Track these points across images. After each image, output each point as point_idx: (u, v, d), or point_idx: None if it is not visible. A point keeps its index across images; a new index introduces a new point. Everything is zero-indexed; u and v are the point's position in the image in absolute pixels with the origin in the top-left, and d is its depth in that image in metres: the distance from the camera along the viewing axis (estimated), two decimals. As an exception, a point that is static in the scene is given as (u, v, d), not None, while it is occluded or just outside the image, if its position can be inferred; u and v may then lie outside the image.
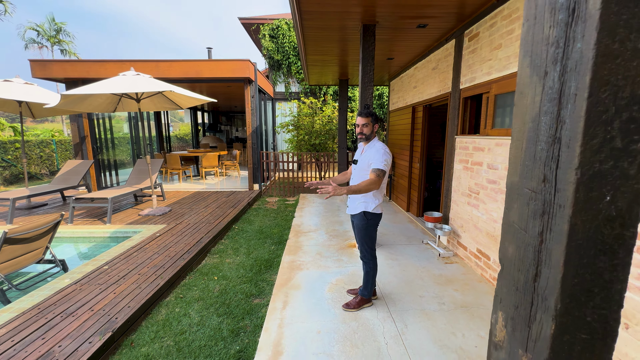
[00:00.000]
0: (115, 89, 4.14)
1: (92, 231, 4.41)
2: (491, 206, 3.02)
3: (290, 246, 4.03)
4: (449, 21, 3.55)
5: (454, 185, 3.85)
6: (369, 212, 2.39)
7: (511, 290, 0.87)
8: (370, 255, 2.50)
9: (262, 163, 7.54)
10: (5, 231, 2.66)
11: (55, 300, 2.51)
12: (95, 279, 2.90)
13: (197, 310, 2.64)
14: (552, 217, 0.68)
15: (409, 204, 5.74)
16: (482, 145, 3.18)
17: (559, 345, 0.70)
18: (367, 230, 2.43)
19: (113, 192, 5.15)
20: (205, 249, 3.86)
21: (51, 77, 6.66)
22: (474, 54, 3.37)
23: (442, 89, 4.21)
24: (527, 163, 0.76)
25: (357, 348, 2.13)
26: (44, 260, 3.32)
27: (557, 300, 0.67)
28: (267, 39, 9.83)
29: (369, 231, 2.44)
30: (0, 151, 8.51)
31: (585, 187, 0.61)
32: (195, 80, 6.89)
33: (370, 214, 2.40)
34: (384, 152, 2.30)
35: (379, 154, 2.29)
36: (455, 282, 3.07)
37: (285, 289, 2.93)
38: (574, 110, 0.61)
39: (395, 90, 6.70)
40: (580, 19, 0.58)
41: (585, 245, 0.64)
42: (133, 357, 2.06)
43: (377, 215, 2.42)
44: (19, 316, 2.30)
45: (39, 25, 20.42)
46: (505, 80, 2.84)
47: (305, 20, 3.49)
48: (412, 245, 4.08)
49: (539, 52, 0.71)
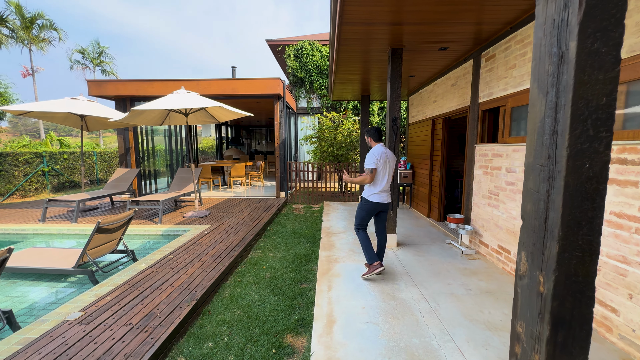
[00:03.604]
0: (173, 105, 4.79)
1: (147, 229, 4.98)
2: (510, 205, 3.40)
3: (324, 244, 4.46)
4: (468, 44, 4.04)
5: (474, 189, 4.23)
6: (364, 197, 3.34)
7: (530, 234, 1.31)
8: (357, 228, 3.39)
9: (289, 172, 8.07)
10: (99, 221, 3.21)
11: (140, 279, 3.02)
12: (166, 265, 3.40)
13: (255, 290, 3.08)
14: (554, 179, 1.13)
15: (429, 210, 6.10)
16: (501, 151, 3.59)
17: (561, 260, 1.13)
18: (360, 209, 3.37)
19: (162, 196, 5.75)
20: (250, 245, 4.33)
21: (105, 95, 7.49)
22: (491, 72, 3.82)
23: (461, 103, 4.66)
24: (537, 149, 1.21)
25: (398, 319, 2.52)
26: (117, 251, 3.86)
27: (559, 229, 1.11)
28: (291, 58, 10.60)
29: (360, 211, 3.36)
30: (51, 162, 9.39)
31: (573, 159, 1.06)
32: (230, 97, 7.59)
33: (364, 199, 3.33)
34: (372, 156, 3.20)
35: (368, 157, 3.24)
36: (479, 273, 3.42)
37: (328, 277, 3.35)
38: (564, 114, 1.07)
39: (414, 105, 7.18)
40: (565, 62, 1.06)
41: (575, 194, 1.08)
42: (214, 321, 2.52)
43: (369, 202, 3.28)
44: (116, 289, 2.80)
45: (84, 48, 22.53)
46: (519, 95, 3.28)
47: (342, 45, 4.05)
48: (436, 244, 4.44)
49: (543, 79, 1.18)
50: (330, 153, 8.77)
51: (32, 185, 8.85)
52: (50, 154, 9.40)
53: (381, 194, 3.25)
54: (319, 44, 10.74)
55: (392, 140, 4.21)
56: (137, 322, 2.28)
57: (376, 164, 3.16)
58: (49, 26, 18.86)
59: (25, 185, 8.65)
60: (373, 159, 3.17)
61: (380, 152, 3.20)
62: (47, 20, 18.65)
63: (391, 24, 3.36)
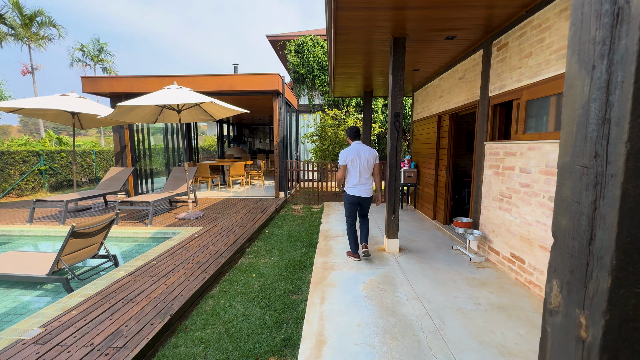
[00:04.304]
0: (162, 101, 4.53)
1: (136, 231, 4.74)
2: (525, 210, 3.06)
3: (321, 249, 4.17)
4: (477, 32, 3.70)
5: (484, 190, 3.89)
6: (345, 191, 3.77)
7: (565, 258, 0.98)
8: (347, 220, 3.83)
9: (288, 172, 7.78)
10: (74, 225, 2.96)
11: (115, 289, 2.76)
12: (147, 272, 3.14)
13: (241, 302, 2.81)
14: (604, 186, 0.80)
15: (435, 212, 5.76)
16: (514, 150, 3.25)
17: (615, 298, 0.81)
18: (345, 202, 3.82)
19: (154, 196, 5.51)
20: (241, 249, 4.06)
21: (99, 92, 7.29)
22: (503, 62, 3.48)
23: (469, 98, 4.32)
24: (578, 144, 0.89)
25: (397, 340, 2.22)
26: (98, 255, 3.62)
27: (612, 257, 0.79)
28: (292, 54, 10.30)
29: (345, 203, 3.82)
30: (48, 160, 9.26)
31: (634, 157, 0.74)
32: (227, 93, 7.33)
33: (345, 192, 3.78)
34: (342, 154, 3.66)
35: (339, 155, 3.68)
36: (489, 285, 3.09)
37: (322, 287, 3.06)
38: (622, 95, 0.75)
39: (419, 101, 6.83)
40: (623, 21, 0.73)
41: (636, 207, 0.76)
42: (189, 340, 2.25)
43: (347, 195, 3.73)
44: (87, 300, 2.55)
45: (84, 45, 22.44)
46: (536, 87, 2.93)
47: (339, 35, 3.74)
48: (441, 250, 4.11)
49: (586, 50, 0.85)
50: (332, 151, 8.47)
51: (29, 184, 8.73)
52: (48, 153, 9.27)
53: (357, 187, 3.65)
54: (320, 39, 10.41)
55: (394, 137, 3.89)
56: (99, 342, 2.02)
57: (345, 161, 3.63)
58: (48, 23, 18.77)
59: (22, 184, 8.53)
60: (342, 156, 3.65)
61: (350, 150, 3.62)
62: (46, 17, 18.57)
63: (393, 7, 3.04)
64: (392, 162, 3.93)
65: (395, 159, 3.93)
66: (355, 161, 3.59)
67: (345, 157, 3.61)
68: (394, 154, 3.92)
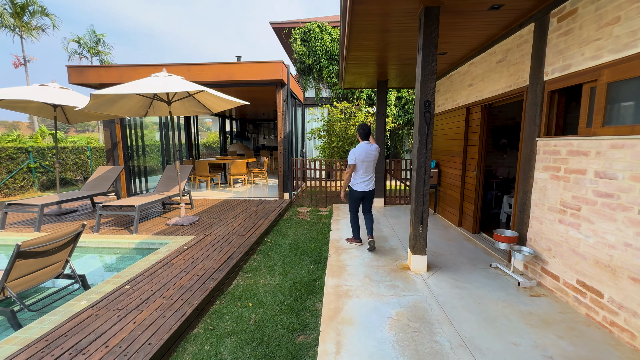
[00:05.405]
0: (145, 89, 3.86)
1: (118, 241, 4.10)
2: (604, 226, 2.32)
3: (332, 266, 3.48)
4: (531, 0, 2.94)
5: (534, 198, 3.15)
6: (350, 187, 3.96)
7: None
8: (349, 211, 4.06)
9: (293, 170, 7.09)
10: (19, 244, 2.32)
11: (66, 330, 2.11)
12: (115, 302, 2.49)
13: (231, 349, 2.14)
14: None
15: (460, 219, 5.02)
16: (586, 148, 2.50)
17: None
18: (349, 198, 4.02)
19: (141, 199, 4.87)
20: (237, 266, 3.40)
21: (87, 83, 6.66)
22: (567, 35, 2.71)
23: (512, 84, 3.56)
24: None
25: None
26: (63, 275, 2.99)
27: None
28: (298, 42, 9.55)
29: (349, 199, 4.01)
30: (39, 157, 8.71)
31: None
32: (227, 84, 6.64)
33: (350, 189, 3.96)
34: (352, 153, 3.78)
35: (349, 154, 3.80)
36: (553, 324, 2.37)
37: (336, 324, 2.38)
38: None
39: (441, 92, 6.05)
40: None
41: None
42: (152, 420, 1.59)
43: (353, 191, 3.90)
44: (23, 350, 1.90)
45: (80, 37, 21.77)
46: (626, 63, 2.18)
47: (357, 4, 3.01)
48: (477, 269, 3.39)
49: None
50: (341, 148, 7.74)
51: (17, 182, 8.19)
52: (38, 149, 8.71)
53: (363, 184, 3.84)
54: (329, 26, 9.61)
55: (423, 132, 3.17)
56: None
57: (355, 160, 3.76)
58: (40, 12, 18.07)
59: (9, 183, 7.99)
60: (352, 155, 3.77)
61: (360, 150, 3.76)
62: (39, 6, 17.87)
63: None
64: (421, 163, 3.21)
65: (424, 158, 3.20)
66: (365, 161, 3.76)
67: (355, 157, 3.75)
68: (422, 153, 3.20)
